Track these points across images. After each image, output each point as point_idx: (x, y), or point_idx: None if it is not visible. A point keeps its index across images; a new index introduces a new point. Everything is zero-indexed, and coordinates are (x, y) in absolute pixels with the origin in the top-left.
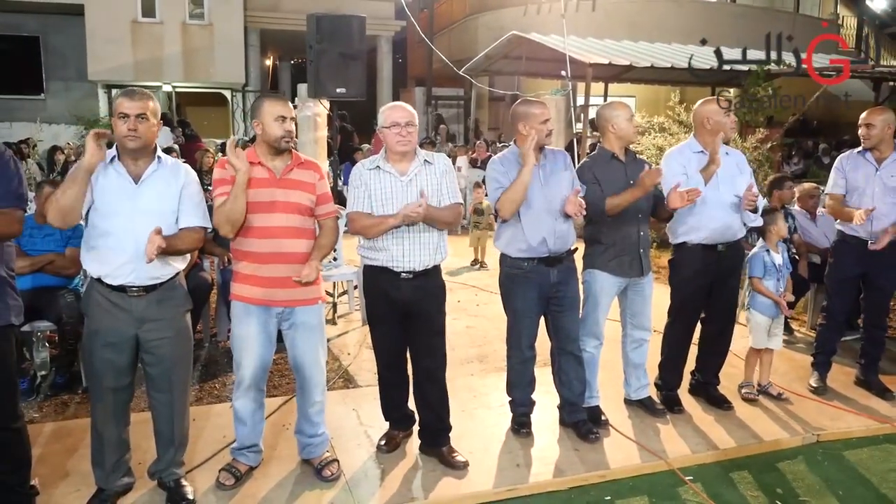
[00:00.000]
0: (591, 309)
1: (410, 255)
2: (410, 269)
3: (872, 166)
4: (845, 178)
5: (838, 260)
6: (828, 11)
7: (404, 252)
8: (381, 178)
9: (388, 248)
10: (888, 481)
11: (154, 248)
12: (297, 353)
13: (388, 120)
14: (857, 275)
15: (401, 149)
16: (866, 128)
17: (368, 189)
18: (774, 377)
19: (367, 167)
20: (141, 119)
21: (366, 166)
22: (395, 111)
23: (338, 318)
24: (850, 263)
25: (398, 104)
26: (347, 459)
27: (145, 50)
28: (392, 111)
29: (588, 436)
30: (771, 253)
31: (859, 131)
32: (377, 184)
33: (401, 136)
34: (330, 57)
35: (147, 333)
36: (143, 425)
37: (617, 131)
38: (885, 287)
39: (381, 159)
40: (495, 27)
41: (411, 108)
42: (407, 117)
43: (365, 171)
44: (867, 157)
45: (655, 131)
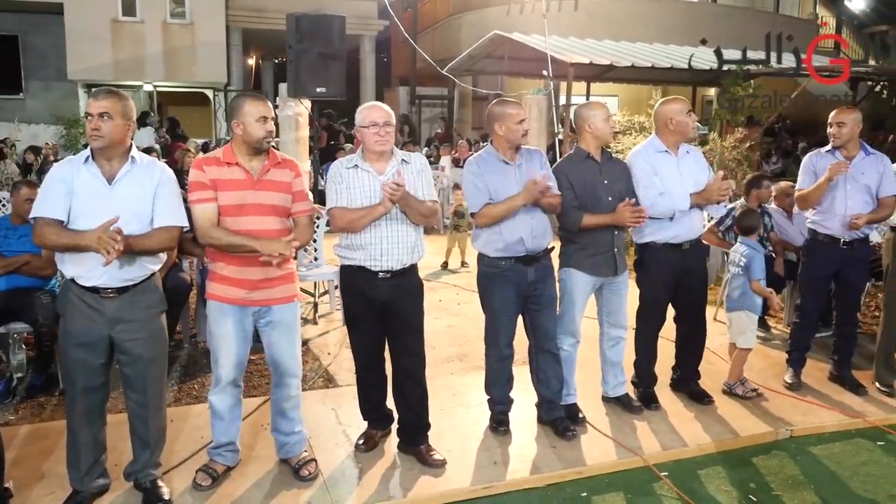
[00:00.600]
0: (568, 307)
1: (388, 254)
2: (388, 268)
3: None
4: (815, 175)
5: (811, 259)
6: (807, 11)
7: (382, 251)
8: (360, 177)
9: (365, 247)
10: (859, 475)
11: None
12: (274, 350)
13: (366, 119)
14: (830, 273)
15: (379, 148)
16: (838, 126)
17: (349, 187)
18: (750, 374)
19: (345, 166)
20: (104, 118)
21: (344, 165)
22: (373, 111)
23: (318, 317)
24: (822, 262)
25: (375, 104)
26: (325, 459)
27: (126, 49)
28: (370, 111)
29: (565, 433)
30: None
31: (829, 130)
32: (355, 182)
33: (379, 136)
34: (310, 57)
35: (120, 334)
36: (120, 426)
37: (594, 131)
38: (856, 284)
39: (358, 158)
40: (479, 27)
41: (389, 108)
42: (385, 117)
43: (343, 169)
44: (836, 156)
45: (636, 131)
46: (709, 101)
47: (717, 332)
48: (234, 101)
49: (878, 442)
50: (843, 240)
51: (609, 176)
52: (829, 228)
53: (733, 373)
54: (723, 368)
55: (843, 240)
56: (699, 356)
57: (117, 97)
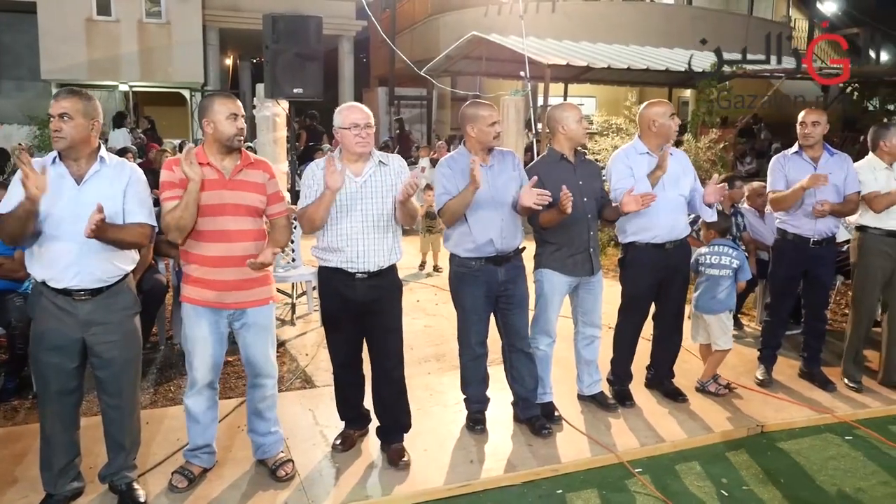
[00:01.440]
0: (543, 308)
1: (365, 256)
2: (365, 269)
3: (810, 165)
4: (786, 177)
5: (780, 258)
6: (780, 14)
7: (359, 253)
8: None
9: (342, 249)
10: (827, 469)
11: (91, 225)
12: (250, 351)
13: (346, 120)
14: (799, 272)
15: (359, 150)
16: (812, 126)
17: (321, 188)
18: (723, 370)
19: (320, 166)
20: (64, 119)
21: (319, 165)
22: (354, 112)
23: (296, 318)
24: (791, 261)
25: (355, 105)
26: (302, 459)
27: (100, 49)
28: (350, 112)
29: (541, 431)
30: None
31: (803, 130)
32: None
33: (360, 138)
34: (286, 57)
35: (93, 337)
36: (95, 429)
37: (567, 132)
38: (824, 282)
39: (335, 159)
40: (457, 28)
41: (368, 110)
42: (365, 118)
43: (318, 170)
44: (804, 157)
45: (613, 132)
46: (685, 102)
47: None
48: (204, 100)
49: (845, 437)
50: (812, 239)
51: (583, 177)
52: (798, 228)
53: (708, 372)
54: (695, 366)
55: (812, 239)
56: (675, 355)
57: (78, 97)
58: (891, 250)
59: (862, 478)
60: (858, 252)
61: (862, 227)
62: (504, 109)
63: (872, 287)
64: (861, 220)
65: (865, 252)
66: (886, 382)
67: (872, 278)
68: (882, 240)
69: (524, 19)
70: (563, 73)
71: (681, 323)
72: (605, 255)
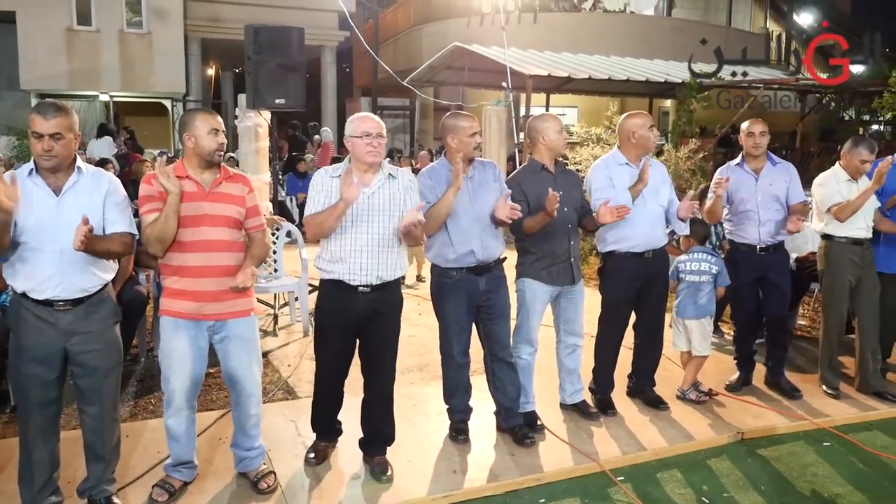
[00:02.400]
0: (525, 317)
1: (367, 268)
2: (367, 282)
3: (752, 177)
4: (727, 190)
5: (733, 267)
6: (758, 25)
7: (361, 265)
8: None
9: (345, 259)
10: (806, 475)
11: (80, 236)
12: (231, 367)
13: (358, 129)
14: (754, 279)
15: (371, 159)
16: (760, 136)
17: (329, 196)
18: (703, 378)
19: (330, 174)
20: (56, 139)
21: (329, 173)
22: (366, 121)
23: (279, 329)
24: (744, 269)
25: (368, 114)
26: (284, 471)
27: (81, 58)
28: (363, 121)
29: (524, 441)
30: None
31: (753, 140)
32: (338, 192)
33: (371, 147)
34: (268, 68)
35: (75, 346)
36: (73, 443)
37: (547, 143)
38: (781, 285)
39: (345, 169)
40: (439, 38)
41: (380, 120)
42: (377, 128)
43: (328, 178)
44: (745, 169)
45: (594, 142)
46: (665, 113)
47: (670, 339)
48: (186, 115)
49: (823, 443)
50: (760, 247)
51: (563, 187)
52: (745, 238)
53: (688, 379)
54: (676, 374)
55: (759, 247)
56: (656, 363)
57: (66, 113)
58: (856, 258)
59: (840, 484)
60: (825, 260)
61: (828, 236)
62: (486, 119)
63: (840, 294)
64: (826, 229)
65: (832, 261)
66: (864, 389)
67: (840, 286)
68: (848, 248)
69: (506, 30)
70: (544, 83)
71: (661, 331)
72: (586, 264)
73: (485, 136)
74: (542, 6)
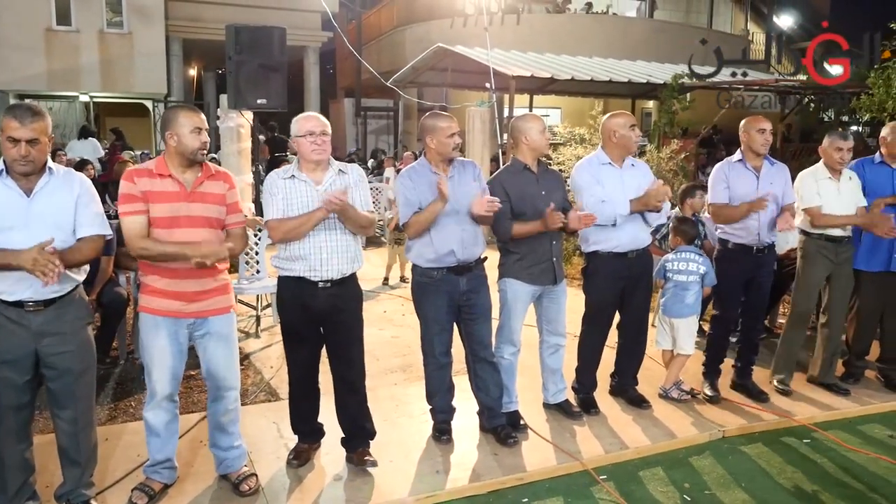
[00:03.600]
0: (508, 317)
1: (328, 263)
2: (328, 277)
3: (753, 175)
4: (728, 187)
5: (725, 269)
6: (739, 27)
7: (321, 261)
8: (297, 187)
9: (305, 257)
10: (787, 472)
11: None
12: (211, 363)
13: (302, 129)
14: (745, 281)
15: (315, 157)
16: (769, 134)
17: (286, 197)
18: (684, 377)
19: (281, 176)
20: (34, 144)
21: (280, 175)
22: (309, 121)
23: (261, 331)
24: (737, 271)
25: (311, 114)
26: (266, 473)
27: (60, 59)
28: (306, 121)
29: (507, 440)
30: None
31: (763, 137)
32: (293, 192)
33: (315, 145)
34: (250, 68)
35: (47, 348)
36: (52, 446)
37: (530, 143)
38: (765, 286)
39: (294, 168)
40: (423, 39)
41: (325, 119)
42: (321, 126)
43: (279, 179)
44: (747, 167)
45: (577, 142)
46: (647, 114)
47: (653, 338)
48: (168, 112)
49: (804, 440)
50: (756, 248)
51: (546, 186)
52: (742, 238)
53: (670, 378)
54: (658, 373)
55: (755, 248)
56: (639, 362)
57: (41, 117)
58: (831, 255)
59: (819, 480)
60: (801, 256)
61: (805, 232)
62: (470, 120)
63: (811, 291)
64: (803, 226)
65: (806, 256)
66: (817, 381)
67: (813, 282)
68: (823, 244)
69: (489, 31)
70: (527, 84)
71: (644, 331)
72: (569, 264)
73: (468, 137)
74: (525, 7)
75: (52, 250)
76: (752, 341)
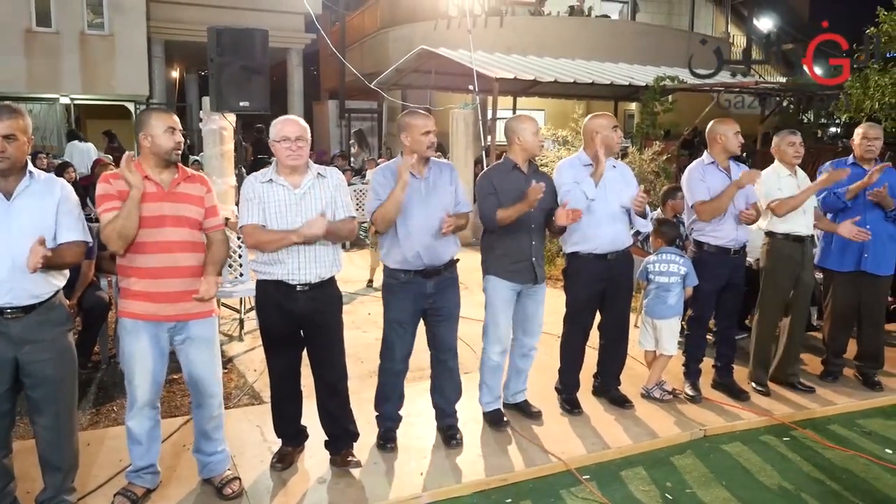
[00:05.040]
0: (493, 315)
1: (307, 268)
2: (306, 281)
3: (725, 175)
4: (708, 188)
5: (702, 272)
6: (720, 30)
7: (300, 265)
8: (275, 191)
9: (284, 261)
10: (766, 470)
11: (38, 259)
12: (193, 368)
13: (278, 134)
14: (723, 283)
15: (291, 163)
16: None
17: (263, 202)
18: (666, 377)
19: (259, 180)
20: (10, 140)
21: (258, 179)
22: (287, 125)
23: (244, 334)
24: (715, 273)
25: (290, 118)
26: (250, 476)
27: (40, 60)
28: (283, 125)
29: (450, 441)
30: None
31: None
32: (271, 196)
33: (290, 151)
34: (232, 70)
35: (27, 356)
36: (32, 452)
37: (522, 143)
38: (740, 286)
39: (272, 172)
40: (407, 41)
41: (304, 123)
42: (298, 131)
43: (258, 183)
44: (719, 168)
45: (559, 144)
46: (630, 115)
47: (634, 339)
48: (141, 114)
49: (783, 438)
50: (733, 249)
51: None
52: (720, 239)
53: (653, 377)
54: (641, 372)
55: (732, 249)
56: (621, 363)
57: (19, 115)
58: (796, 255)
59: (798, 477)
60: (766, 257)
61: (770, 233)
62: (453, 122)
63: (778, 291)
64: (769, 227)
65: (772, 257)
66: (778, 379)
67: (780, 283)
68: (788, 244)
69: (472, 34)
70: (511, 86)
71: (626, 331)
72: (552, 265)
73: (452, 139)
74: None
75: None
76: (730, 341)
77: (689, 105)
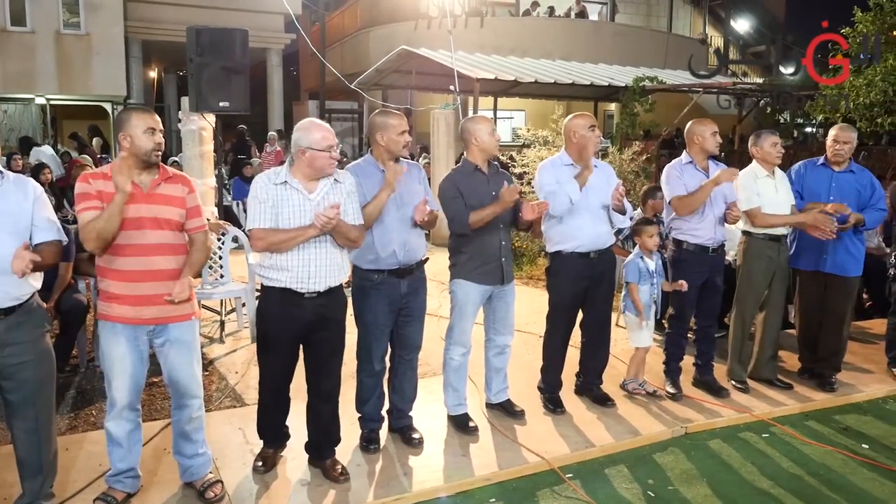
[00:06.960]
0: (458, 318)
1: (316, 276)
2: (315, 289)
3: (704, 175)
4: (685, 185)
5: (682, 272)
6: (697, 31)
7: (310, 273)
8: (290, 195)
9: (291, 268)
10: (746, 466)
11: (27, 264)
12: (173, 370)
13: (323, 142)
14: (703, 282)
15: (331, 171)
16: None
17: (276, 205)
18: (648, 375)
19: (273, 181)
20: None
21: (272, 180)
22: (329, 133)
23: (225, 336)
24: (695, 272)
25: (324, 124)
26: (232, 479)
27: (15, 60)
28: (325, 133)
29: (411, 442)
30: (645, 259)
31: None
32: (285, 200)
33: (333, 160)
34: (211, 70)
35: (6, 359)
36: (8, 458)
37: (480, 144)
38: (719, 284)
39: (287, 174)
40: (387, 41)
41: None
42: (336, 140)
43: (271, 185)
44: (697, 168)
45: (540, 144)
46: (610, 116)
47: (618, 338)
48: (121, 114)
49: (763, 434)
50: (712, 247)
51: (496, 187)
52: (699, 238)
53: (631, 371)
54: (622, 371)
55: (711, 248)
56: (604, 362)
57: None
58: (773, 254)
59: (777, 473)
60: (744, 256)
61: (747, 232)
62: (434, 123)
63: (755, 289)
64: (746, 226)
65: (749, 255)
66: (755, 376)
67: (756, 281)
68: (765, 244)
69: (453, 34)
70: (491, 86)
71: (608, 330)
72: (535, 265)
73: (433, 139)
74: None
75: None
76: (710, 339)
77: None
